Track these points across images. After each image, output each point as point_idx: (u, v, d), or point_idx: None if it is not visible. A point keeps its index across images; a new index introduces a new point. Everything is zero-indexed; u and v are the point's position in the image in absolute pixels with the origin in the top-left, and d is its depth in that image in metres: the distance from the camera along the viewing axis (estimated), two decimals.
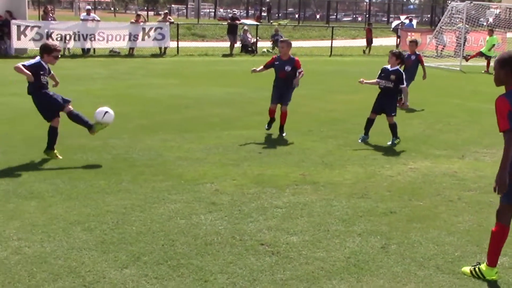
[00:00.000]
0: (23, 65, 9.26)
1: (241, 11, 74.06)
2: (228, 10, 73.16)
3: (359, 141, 11.56)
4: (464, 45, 31.08)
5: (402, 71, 11.75)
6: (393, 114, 11.61)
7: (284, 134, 11.97)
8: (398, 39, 37.84)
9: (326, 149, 10.87)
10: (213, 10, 72.48)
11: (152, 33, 30.10)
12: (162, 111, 14.36)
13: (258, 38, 35.32)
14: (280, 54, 12.25)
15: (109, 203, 7.51)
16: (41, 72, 9.35)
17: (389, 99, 11.74)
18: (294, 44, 34.63)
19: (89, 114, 10.12)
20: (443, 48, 34.42)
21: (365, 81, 11.84)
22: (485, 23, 41.48)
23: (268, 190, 8.24)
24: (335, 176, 9.07)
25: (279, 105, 12.08)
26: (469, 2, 32.44)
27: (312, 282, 5.51)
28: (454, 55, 32.25)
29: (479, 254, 6.19)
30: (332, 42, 35.81)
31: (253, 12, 70.10)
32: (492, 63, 27.67)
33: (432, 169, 9.68)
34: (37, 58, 9.51)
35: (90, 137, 10.29)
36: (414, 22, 49.24)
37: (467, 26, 32.04)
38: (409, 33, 39.27)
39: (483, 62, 27.81)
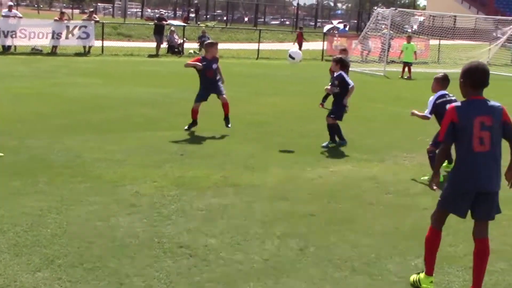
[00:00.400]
0: None
1: (169, 11, 73.52)
2: (156, 10, 72.52)
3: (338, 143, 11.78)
4: (388, 51, 31.72)
5: (344, 74, 11.89)
6: (331, 116, 11.81)
7: (229, 126, 12.36)
8: (325, 44, 38.24)
9: (249, 152, 10.88)
10: (140, 10, 71.76)
11: (76, 31, 29.59)
12: (84, 111, 14.09)
13: (185, 39, 35.15)
14: (207, 55, 12.40)
15: (24, 205, 7.30)
16: None
17: (334, 103, 12.04)
18: (222, 46, 34.61)
19: (7, 113, 9.85)
20: (368, 54, 35.05)
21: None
22: (409, 30, 42.52)
23: (189, 192, 8.18)
24: (256, 178, 9.08)
25: (206, 103, 12.25)
26: (394, 9, 33.16)
27: (229, 284, 5.49)
28: (379, 61, 32.91)
29: (394, 256, 6.30)
30: (259, 45, 35.94)
31: (181, 13, 69.70)
32: (413, 69, 28.41)
33: (352, 172, 9.81)
34: None
35: (6, 136, 10.02)
36: (347, 27, 50.08)
37: (391, 32, 32.72)
38: (335, 38, 39.84)
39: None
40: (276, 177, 9.24)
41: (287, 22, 75.37)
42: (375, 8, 69.18)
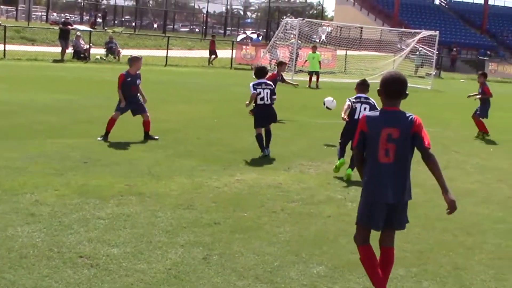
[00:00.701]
0: None
1: (75, 16, 71.92)
2: (62, 15, 70.77)
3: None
4: (296, 60, 32.19)
5: (252, 83, 12.03)
6: None
7: (157, 137, 12.49)
8: (234, 52, 38.38)
9: (155, 160, 10.76)
10: (45, 14, 69.90)
11: None
12: None
13: (91, 44, 34.56)
14: (131, 70, 12.29)
15: None
16: None
17: None
18: (129, 52, 34.27)
19: None
20: (276, 62, 35.39)
21: None
22: (317, 40, 43.27)
23: (92, 201, 8.00)
24: (161, 187, 8.98)
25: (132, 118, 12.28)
26: (301, 19, 33.68)
27: None
28: (287, 70, 33.22)
29: (297, 263, 6.34)
30: (167, 52, 35.73)
31: (87, 17, 68.39)
32: (320, 79, 28.93)
33: (258, 181, 9.84)
34: None
35: None
36: (260, 37, 50.50)
37: (299, 42, 33.20)
38: (244, 47, 40.06)
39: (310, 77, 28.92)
40: (181, 185, 9.17)
41: (197, 30, 75.14)
42: (284, 17, 70.06)
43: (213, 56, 38.01)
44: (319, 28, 46.94)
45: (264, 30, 69.09)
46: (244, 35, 54.97)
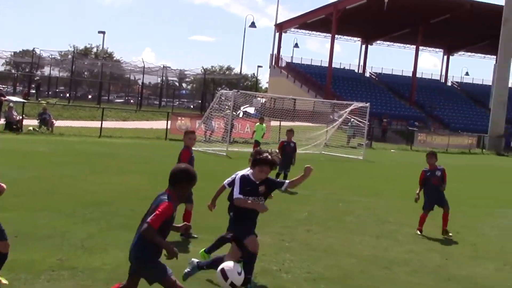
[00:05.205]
0: None
1: (8, 87, 71.18)
2: None
3: None
4: (231, 131, 32.50)
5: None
6: None
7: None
8: (169, 123, 38.43)
9: (88, 232, 10.56)
10: None
11: None
12: None
13: (24, 115, 34.12)
14: None
15: None
16: None
17: None
18: (63, 123, 33.85)
19: None
20: (211, 134, 35.65)
21: None
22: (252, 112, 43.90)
23: (22, 277, 7.77)
24: (94, 261, 8.80)
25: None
26: (236, 91, 34.24)
27: None
28: (222, 141, 33.53)
29: None
30: (102, 123, 35.50)
31: (21, 88, 67.74)
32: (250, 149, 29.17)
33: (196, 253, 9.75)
34: None
35: None
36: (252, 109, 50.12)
37: (234, 113, 33.58)
38: (179, 118, 40.20)
39: (249, 148, 29.12)
40: (115, 259, 8.98)
41: (132, 101, 75.18)
42: (219, 89, 70.92)
43: None
44: (253, 100, 47.64)
45: (199, 101, 69.65)
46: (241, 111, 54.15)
